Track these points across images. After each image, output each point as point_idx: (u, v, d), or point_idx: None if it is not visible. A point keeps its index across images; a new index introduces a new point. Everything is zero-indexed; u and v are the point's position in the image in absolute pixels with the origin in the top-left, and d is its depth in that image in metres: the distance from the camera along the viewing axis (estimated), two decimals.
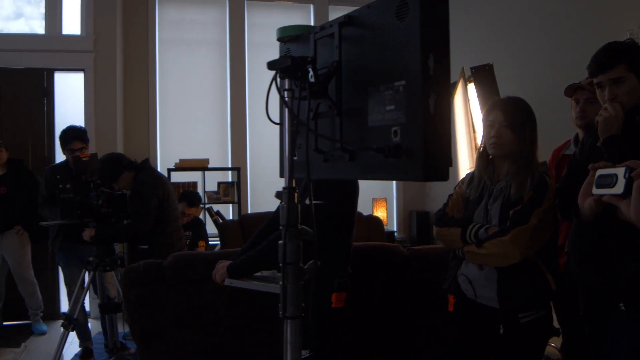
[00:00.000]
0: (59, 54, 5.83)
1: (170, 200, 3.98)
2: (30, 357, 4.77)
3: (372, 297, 2.98)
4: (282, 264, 1.51)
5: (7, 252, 5.31)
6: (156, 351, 2.98)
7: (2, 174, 5.26)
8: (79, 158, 4.22)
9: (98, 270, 4.09)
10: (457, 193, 2.57)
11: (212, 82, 6.36)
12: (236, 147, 6.25)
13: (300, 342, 1.53)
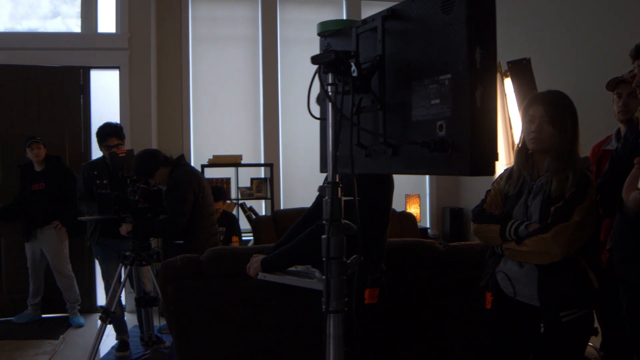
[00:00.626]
0: (94, 52, 5.92)
1: (205, 195, 4.01)
2: (68, 349, 4.85)
3: (407, 293, 2.95)
4: (325, 259, 1.51)
5: (46, 247, 5.42)
6: (193, 344, 3.01)
7: (40, 170, 5.37)
8: (116, 154, 4.28)
9: (134, 265, 4.15)
10: (495, 189, 2.53)
11: (244, 79, 6.39)
12: (269, 143, 6.27)
13: (343, 336, 1.53)
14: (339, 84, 1.53)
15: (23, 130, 5.55)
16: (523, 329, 2.42)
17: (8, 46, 5.79)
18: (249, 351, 2.97)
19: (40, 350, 4.76)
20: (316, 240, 2.45)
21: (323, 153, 1.83)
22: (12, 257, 5.71)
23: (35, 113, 5.72)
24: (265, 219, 5.32)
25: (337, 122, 1.51)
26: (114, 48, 5.89)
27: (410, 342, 3.05)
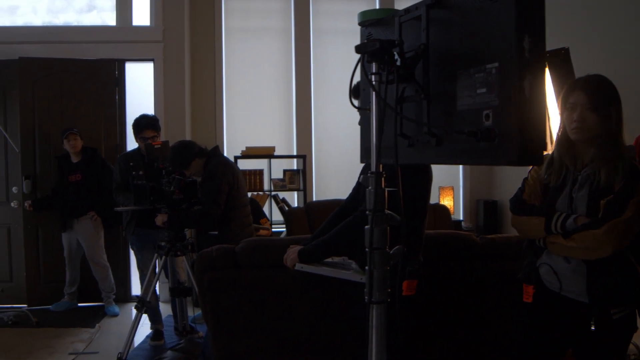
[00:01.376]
0: (129, 45, 5.98)
1: (239, 186, 4.03)
2: (104, 337, 4.93)
3: (444, 285, 2.93)
4: (368, 249, 1.50)
5: (82, 237, 5.51)
6: (228, 334, 3.03)
7: (76, 161, 5.46)
8: (152, 146, 4.32)
9: (169, 255, 4.20)
10: (533, 178, 2.41)
11: (277, 70, 6.39)
12: (301, 135, 6.27)
13: (385, 327, 1.52)
14: (382, 74, 1.51)
15: (60, 123, 5.66)
16: (566, 325, 2.33)
17: (46, 40, 5.89)
18: (284, 341, 2.99)
19: (77, 338, 4.86)
20: (354, 231, 2.46)
21: (364, 143, 1.82)
22: (49, 247, 5.82)
23: (72, 105, 5.82)
24: (298, 211, 5.33)
25: (381, 112, 1.49)
26: (148, 41, 5.94)
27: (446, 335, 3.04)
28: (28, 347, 4.64)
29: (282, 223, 5.67)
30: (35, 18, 6.34)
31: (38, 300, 5.75)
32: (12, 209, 5.91)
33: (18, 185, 5.89)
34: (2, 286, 5.72)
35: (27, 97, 5.76)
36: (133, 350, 4.36)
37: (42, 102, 5.78)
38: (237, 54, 6.37)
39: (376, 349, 1.54)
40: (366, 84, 1.80)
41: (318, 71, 6.35)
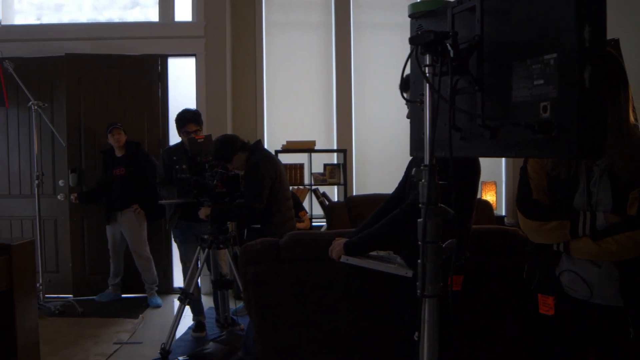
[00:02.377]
0: (172, 40, 6.06)
1: (282, 180, 4.04)
2: (147, 328, 5.02)
3: (489, 281, 2.90)
4: (421, 242, 1.49)
5: (125, 229, 5.61)
6: (272, 327, 3.06)
7: (120, 155, 5.55)
8: (195, 140, 4.36)
9: (212, 248, 4.24)
10: (536, 171, 2.14)
11: (317, 64, 6.39)
12: (342, 129, 6.26)
13: (438, 322, 1.51)
14: (436, 66, 1.50)
15: (105, 117, 5.77)
16: (594, 332, 2.11)
17: (91, 36, 6.01)
18: (328, 335, 2.99)
19: (122, 328, 4.95)
20: (400, 224, 2.45)
21: (414, 136, 1.80)
22: (94, 239, 5.96)
23: (116, 100, 5.92)
24: (339, 205, 5.33)
25: (435, 104, 1.48)
26: (190, 36, 6.01)
27: (493, 330, 3.00)
28: (74, 336, 4.75)
29: (323, 217, 5.68)
30: (81, 15, 6.47)
31: (83, 291, 5.89)
32: (58, 202, 6.05)
33: (64, 179, 6.03)
34: (49, 277, 5.86)
35: (73, 92, 5.88)
36: (176, 341, 4.42)
37: (88, 98, 5.90)
38: (278, 48, 6.39)
39: (428, 343, 1.53)
40: (416, 76, 1.79)
41: (358, 65, 6.32)
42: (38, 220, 5.60)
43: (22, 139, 6.12)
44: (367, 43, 6.35)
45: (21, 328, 3.73)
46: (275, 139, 6.15)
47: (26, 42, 6.07)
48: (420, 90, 1.71)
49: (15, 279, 3.69)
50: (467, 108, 1.54)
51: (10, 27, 6.31)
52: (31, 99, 5.46)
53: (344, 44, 6.28)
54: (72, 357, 4.27)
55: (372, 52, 6.33)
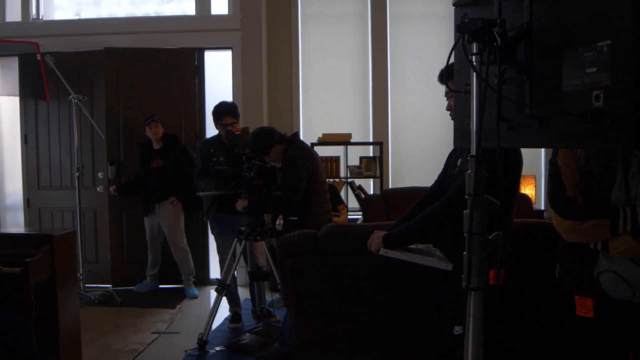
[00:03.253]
0: (208, 34, 6.09)
1: (319, 173, 4.03)
2: (184, 318, 5.08)
3: (530, 276, 2.85)
4: (467, 234, 1.46)
5: (163, 221, 5.67)
6: (309, 319, 3.06)
7: (158, 148, 5.61)
8: (232, 132, 4.39)
9: (249, 240, 4.26)
10: (569, 166, 2.03)
11: (353, 56, 6.35)
12: (378, 122, 6.22)
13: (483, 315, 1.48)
14: (483, 54, 1.47)
15: (143, 111, 5.82)
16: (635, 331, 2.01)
17: (129, 30, 6.07)
18: (365, 328, 2.98)
19: (159, 318, 5.02)
20: (440, 217, 2.42)
21: (458, 126, 1.78)
22: (132, 230, 6.04)
23: (154, 93, 5.98)
24: (375, 198, 5.30)
25: (482, 94, 1.45)
26: (226, 29, 6.03)
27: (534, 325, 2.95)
28: (114, 325, 4.83)
29: (358, 210, 5.65)
30: (119, 10, 6.55)
31: (121, 282, 5.98)
32: (98, 194, 6.15)
33: (103, 171, 6.12)
34: (89, 267, 5.97)
35: (111, 86, 5.96)
36: (212, 332, 4.46)
37: (126, 91, 5.98)
38: (314, 40, 6.37)
39: (473, 337, 1.51)
40: (461, 65, 1.76)
41: (395, 56, 6.25)
42: (78, 211, 5.70)
43: (63, 132, 6.24)
44: (404, 34, 6.28)
45: (63, 315, 3.81)
46: (311, 131, 6.13)
47: (66, 37, 6.17)
48: (464, 80, 1.69)
49: (58, 268, 3.76)
50: (514, 97, 1.51)
51: (51, 23, 6.43)
52: (71, 92, 5.55)
53: (380, 35, 6.23)
54: (111, 346, 4.34)
55: (408, 44, 6.26)
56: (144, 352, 4.26)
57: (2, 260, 3.59)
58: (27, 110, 6.33)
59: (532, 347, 2.95)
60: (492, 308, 2.38)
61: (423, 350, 2.92)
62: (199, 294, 5.78)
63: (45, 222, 6.35)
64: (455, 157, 2.49)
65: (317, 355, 3.06)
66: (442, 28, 6.19)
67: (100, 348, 4.31)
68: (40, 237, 3.81)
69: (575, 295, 2.06)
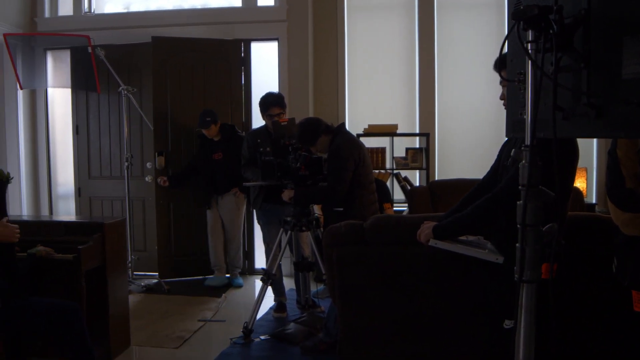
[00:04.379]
0: (255, 25, 6.11)
1: (365, 164, 4.01)
2: (229, 307, 5.15)
3: (583, 270, 2.77)
4: (520, 226, 1.43)
5: (225, 213, 5.70)
6: (354, 310, 3.05)
7: (218, 140, 5.62)
8: (278, 123, 4.39)
9: (295, 230, 4.28)
10: (628, 157, 1.99)
11: (400, 46, 6.28)
12: (425, 113, 6.13)
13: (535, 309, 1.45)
14: (539, 42, 1.43)
15: (190, 101, 5.89)
16: None
17: (176, 22, 6.14)
18: (411, 320, 2.96)
19: (206, 306, 5.10)
20: (492, 208, 2.37)
21: (510, 116, 1.73)
22: (180, 221, 6.09)
23: (202, 84, 6.01)
24: (421, 190, 5.25)
25: (537, 82, 1.41)
26: (273, 20, 6.04)
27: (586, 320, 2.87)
28: (161, 313, 4.93)
29: (404, 202, 5.61)
30: (167, 2, 6.63)
31: (168, 273, 6.02)
32: (146, 183, 6.26)
33: (151, 161, 6.22)
34: (137, 255, 6.08)
35: (159, 74, 5.94)
36: (257, 321, 4.50)
37: (173, 81, 6.00)
38: (360, 31, 6.33)
39: (525, 330, 1.48)
40: (515, 54, 1.72)
41: (442, 47, 6.15)
42: (127, 200, 5.82)
43: (113, 123, 6.36)
44: (452, 24, 6.17)
45: (113, 301, 3.91)
46: (357, 122, 6.10)
47: (116, 30, 6.29)
48: (518, 69, 1.65)
49: (108, 255, 3.86)
50: (570, 86, 1.46)
51: (101, 16, 6.57)
52: (121, 84, 5.66)
53: (427, 24, 6.13)
54: (159, 332, 4.42)
55: (456, 33, 6.15)
56: (191, 339, 4.33)
57: (55, 247, 3.70)
58: (78, 101, 6.48)
59: (586, 343, 2.88)
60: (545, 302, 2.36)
61: (469, 344, 2.88)
62: (244, 283, 5.84)
63: (96, 211, 6.50)
64: (508, 149, 2.43)
65: (362, 346, 3.06)
66: (491, 16, 6.07)
67: (149, 334, 4.40)
68: (91, 225, 3.91)
69: (632, 290, 2.02)
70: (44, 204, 6.69)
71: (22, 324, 3.30)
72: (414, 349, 2.98)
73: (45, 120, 6.66)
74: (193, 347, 4.25)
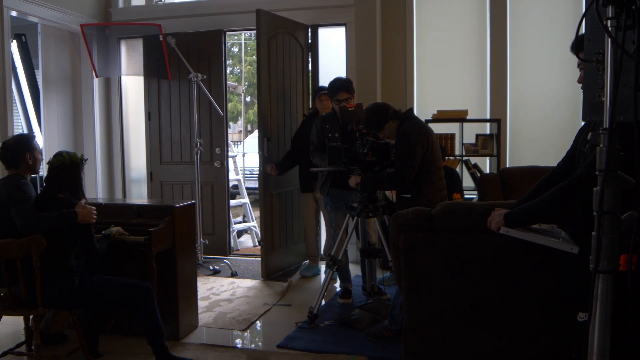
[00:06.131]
0: (322, 10, 6.08)
1: (434, 149, 3.93)
2: (295, 292, 5.20)
3: None
4: (597, 213, 1.35)
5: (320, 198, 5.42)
6: (420, 297, 3.00)
7: None
8: (346, 108, 4.37)
9: (361, 216, 4.25)
10: None
11: (470, 29, 6.10)
12: (496, 98, 5.95)
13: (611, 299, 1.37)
14: (620, 19, 1.34)
15: (270, 83, 5.64)
16: None
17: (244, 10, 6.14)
18: (479, 310, 2.89)
19: (272, 291, 5.16)
20: (567, 196, 2.27)
21: (588, 99, 1.64)
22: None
23: (281, 67, 5.84)
24: (491, 177, 5.11)
25: (618, 62, 1.33)
26: (341, 5, 5.98)
27: None
28: (228, 294, 5.03)
29: (474, 189, 5.48)
30: None
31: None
32: (215, 169, 6.37)
33: (220, 147, 6.32)
34: (206, 238, 6.20)
35: (263, 53, 5.57)
36: (322, 306, 4.52)
37: (272, 61, 5.69)
38: (429, 14, 6.19)
39: (600, 323, 1.40)
40: (593, 33, 1.63)
41: (515, 28, 5.92)
42: (197, 185, 5.94)
43: (183, 110, 6.49)
44: (525, 4, 5.94)
45: (182, 283, 4.02)
46: (426, 108, 5.98)
47: (185, 18, 6.42)
48: (596, 49, 1.56)
49: (178, 238, 3.95)
50: None
51: (171, 5, 6.73)
52: (191, 71, 5.76)
53: (499, 5, 5.91)
54: (226, 315, 4.51)
55: (530, 14, 5.91)
56: (257, 322, 4.40)
57: (128, 229, 3.83)
58: (150, 89, 6.65)
59: None
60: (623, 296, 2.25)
61: (539, 337, 2.79)
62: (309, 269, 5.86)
63: (166, 195, 6.67)
64: (585, 134, 2.32)
65: (427, 334, 3.01)
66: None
67: (215, 316, 4.49)
68: (162, 209, 4.02)
69: None
70: (117, 188, 6.94)
71: (98, 301, 3.44)
72: (481, 340, 2.91)
73: (119, 107, 6.90)
74: (259, 330, 4.32)
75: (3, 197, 3.32)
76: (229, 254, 6.53)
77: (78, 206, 3.31)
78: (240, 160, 9.70)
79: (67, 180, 3.41)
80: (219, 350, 3.83)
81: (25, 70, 7.24)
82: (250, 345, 4.04)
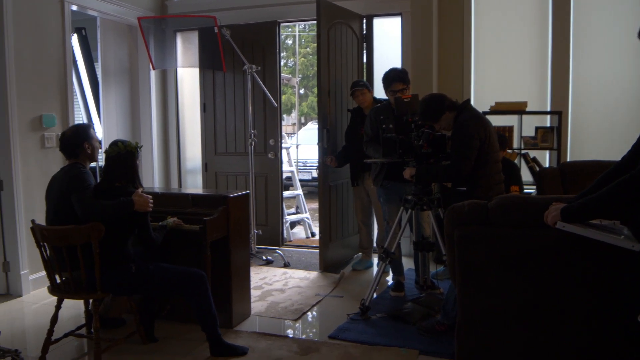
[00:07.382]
0: (377, 0, 6.02)
1: (491, 142, 3.82)
2: (347, 283, 5.21)
3: None
4: None
5: (371, 191, 5.40)
6: (474, 292, 2.93)
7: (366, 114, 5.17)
8: (401, 99, 4.31)
9: (415, 209, 4.20)
10: None
11: (531, 17, 5.89)
12: (557, 89, 5.73)
13: None
14: None
15: (329, 75, 5.61)
16: None
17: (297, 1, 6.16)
18: (533, 305, 2.79)
19: (324, 282, 5.18)
20: (631, 191, 2.17)
21: None
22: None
23: (339, 57, 5.79)
24: (551, 171, 4.94)
25: None
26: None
27: None
28: (281, 284, 5.07)
29: (532, 184, 5.33)
30: None
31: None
32: (269, 160, 6.41)
33: (275, 138, 6.35)
34: (260, 229, 6.25)
35: (322, 43, 5.49)
36: (374, 299, 4.49)
37: (332, 52, 5.66)
38: (488, 4, 6.03)
39: None
40: None
41: (578, 16, 5.69)
42: (251, 176, 5.98)
43: (237, 101, 6.55)
44: None
45: (235, 271, 4.06)
46: (483, 99, 5.83)
47: (240, 10, 6.48)
48: None
49: (232, 227, 3.99)
50: None
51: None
52: (246, 62, 5.80)
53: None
54: (278, 304, 4.55)
55: (594, 4, 5.70)
56: (308, 313, 4.41)
57: (183, 218, 3.89)
58: (205, 80, 6.74)
59: None
60: None
61: (597, 337, 2.68)
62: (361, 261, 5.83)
63: (221, 185, 6.76)
64: None
65: (481, 329, 2.94)
66: None
67: (268, 305, 4.53)
68: (217, 199, 4.06)
69: None
70: (173, 178, 7.08)
71: (154, 288, 3.51)
72: (536, 338, 2.82)
73: (175, 99, 7.02)
74: (311, 320, 4.33)
75: (64, 185, 3.40)
76: (282, 244, 6.58)
77: (135, 195, 3.37)
78: (293, 152, 9.73)
79: (123, 169, 3.48)
80: (270, 339, 3.86)
81: (86, 63, 7.45)
82: (302, 335, 4.04)
